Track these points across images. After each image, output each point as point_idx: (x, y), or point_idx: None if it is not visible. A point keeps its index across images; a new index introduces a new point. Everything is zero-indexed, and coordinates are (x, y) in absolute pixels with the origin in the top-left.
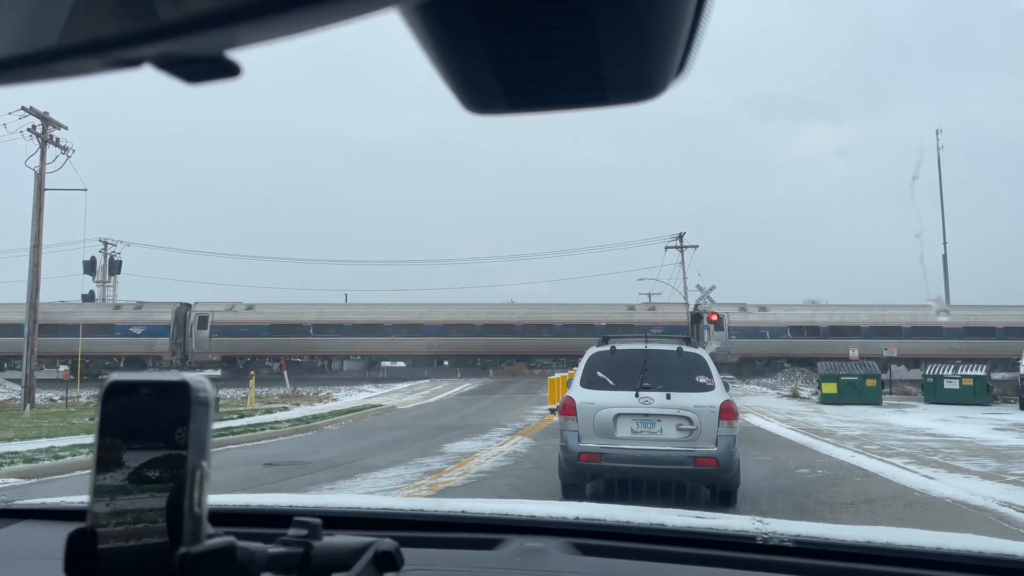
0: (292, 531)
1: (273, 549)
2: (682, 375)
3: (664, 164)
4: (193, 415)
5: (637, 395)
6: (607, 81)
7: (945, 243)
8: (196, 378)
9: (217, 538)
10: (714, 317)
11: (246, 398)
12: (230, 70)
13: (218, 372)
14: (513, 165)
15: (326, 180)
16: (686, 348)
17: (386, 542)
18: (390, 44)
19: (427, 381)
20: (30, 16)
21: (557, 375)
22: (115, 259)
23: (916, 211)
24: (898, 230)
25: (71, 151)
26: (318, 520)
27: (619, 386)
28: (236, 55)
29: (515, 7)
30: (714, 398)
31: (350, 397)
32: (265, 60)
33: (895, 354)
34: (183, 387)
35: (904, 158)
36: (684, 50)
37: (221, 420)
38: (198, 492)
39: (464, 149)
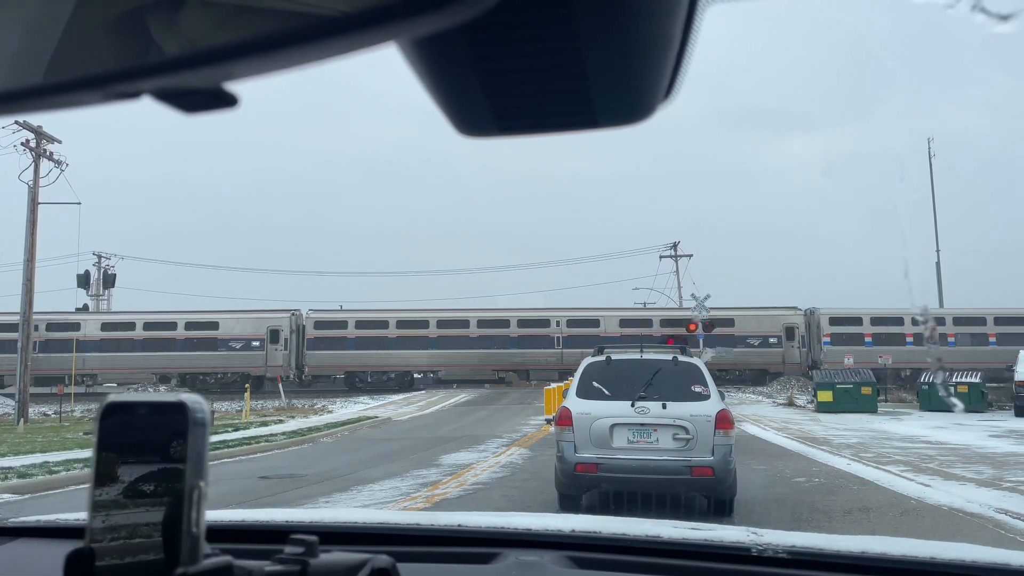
0: (289, 548)
1: (270, 567)
2: (678, 385)
3: (655, 176)
4: (190, 435)
5: (633, 405)
6: (596, 105)
7: (938, 251)
8: (193, 398)
9: (215, 558)
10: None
11: (241, 411)
12: (227, 101)
13: None
14: (503, 177)
15: (320, 193)
16: (681, 357)
17: (382, 559)
18: (384, 64)
19: (423, 392)
20: (29, 51)
21: (553, 385)
22: (109, 272)
23: (901, 222)
24: (888, 239)
25: (65, 165)
26: (314, 537)
27: (615, 396)
28: (234, 86)
29: (506, 34)
30: (710, 407)
31: (345, 409)
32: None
33: (890, 362)
34: (180, 407)
35: (890, 170)
36: (671, 74)
37: (216, 433)
38: (196, 512)
39: (454, 162)
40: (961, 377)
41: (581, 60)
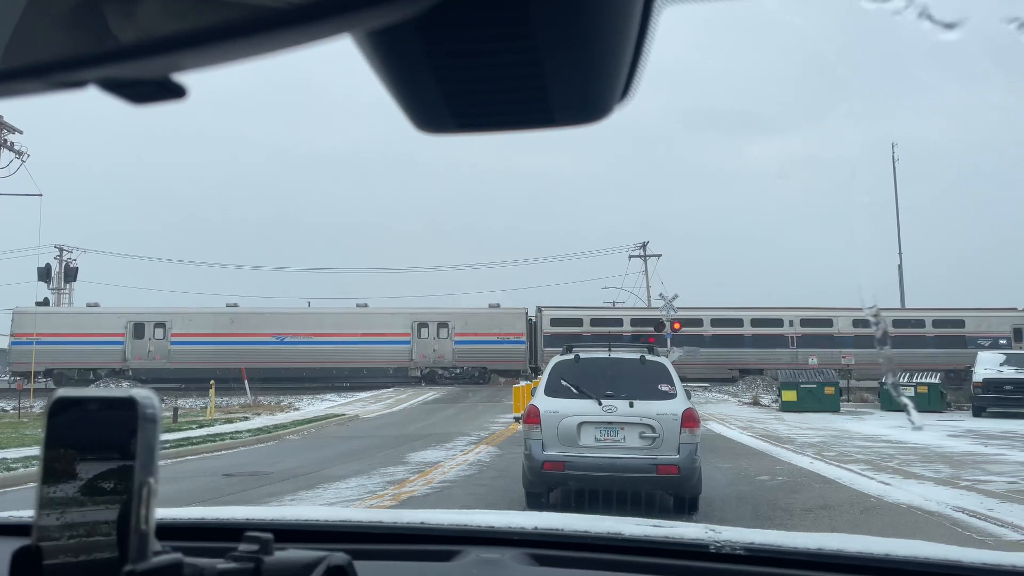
0: (243, 546)
1: (222, 565)
2: (645, 383)
3: (621, 176)
4: (140, 431)
5: (600, 403)
6: (553, 104)
7: (901, 253)
8: (143, 394)
9: (164, 555)
10: (677, 325)
11: (206, 408)
12: (176, 92)
13: None
14: (468, 175)
15: (284, 188)
16: (649, 356)
17: (338, 556)
18: (343, 59)
19: (391, 390)
20: None
21: (522, 383)
22: (71, 266)
23: (853, 224)
24: (849, 241)
25: (26, 155)
26: (269, 535)
27: (583, 394)
28: (183, 77)
29: (461, 32)
30: (676, 406)
31: (312, 407)
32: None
33: (852, 362)
34: (130, 403)
35: (849, 174)
36: (628, 75)
37: (180, 430)
38: (145, 509)
39: (418, 159)
40: (921, 378)
41: (536, 58)
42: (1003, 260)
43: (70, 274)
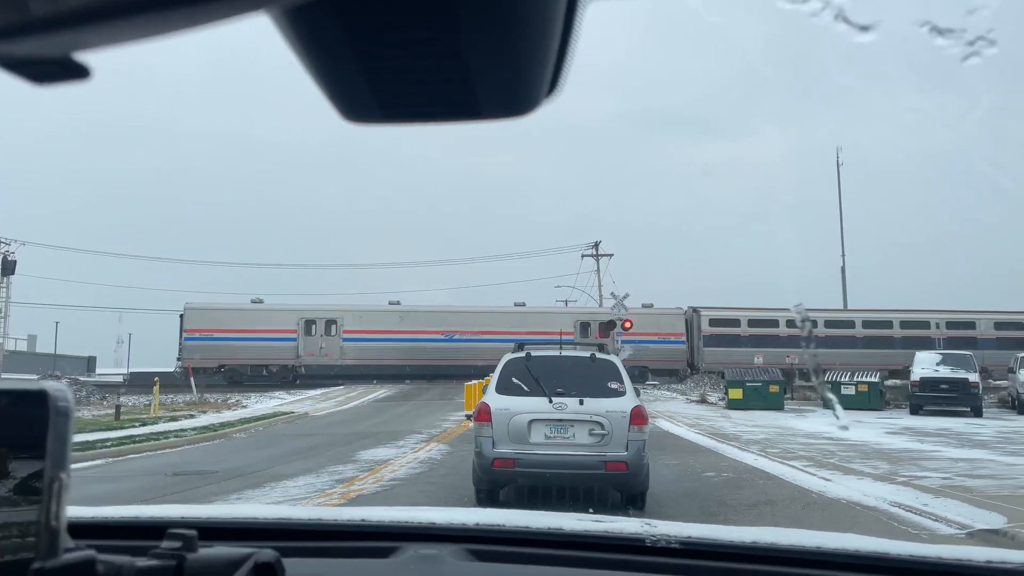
0: (165, 543)
1: (142, 563)
2: (595, 381)
3: (570, 175)
4: (52, 424)
5: (551, 401)
6: (478, 96)
7: (844, 255)
8: (56, 386)
9: (76, 552)
10: (628, 324)
11: (149, 405)
12: (78, 72)
13: None
14: (407, 169)
15: (225, 180)
16: (599, 355)
17: (266, 553)
18: (275, 45)
19: (342, 387)
20: None
21: (474, 381)
22: (9, 259)
23: (772, 224)
24: (796, 242)
25: None
26: (193, 532)
27: (534, 392)
28: (87, 56)
29: (383, 20)
30: (625, 403)
31: (260, 404)
32: (159, 54)
33: (797, 361)
34: (41, 396)
35: (789, 175)
36: (554, 70)
37: (122, 428)
38: (56, 505)
39: (354, 152)
40: (861, 376)
41: (460, 48)
42: (934, 261)
43: (8, 267)
